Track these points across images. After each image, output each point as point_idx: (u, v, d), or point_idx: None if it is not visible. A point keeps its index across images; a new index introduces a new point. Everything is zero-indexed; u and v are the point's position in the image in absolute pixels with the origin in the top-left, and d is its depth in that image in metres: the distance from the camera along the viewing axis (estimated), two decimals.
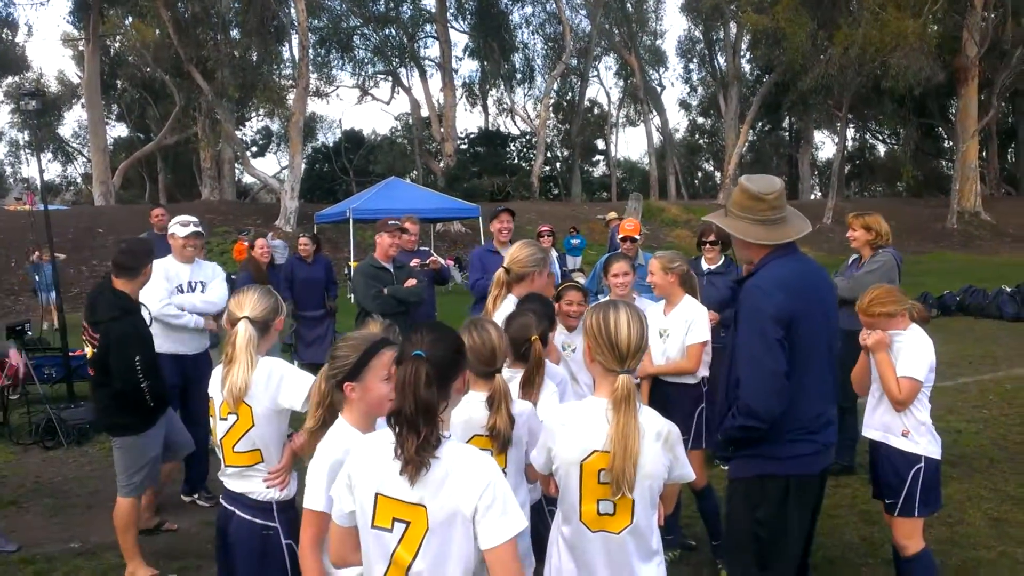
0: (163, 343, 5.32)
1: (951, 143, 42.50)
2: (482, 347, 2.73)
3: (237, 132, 31.89)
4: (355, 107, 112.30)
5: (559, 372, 3.48)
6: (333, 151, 45.26)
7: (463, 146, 38.33)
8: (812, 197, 42.62)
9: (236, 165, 34.17)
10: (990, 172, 42.49)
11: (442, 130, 35.65)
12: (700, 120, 55.59)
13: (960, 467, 6.05)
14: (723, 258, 6.02)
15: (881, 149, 54.72)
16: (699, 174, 57.95)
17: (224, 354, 2.97)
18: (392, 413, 2.03)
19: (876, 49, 29.39)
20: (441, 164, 36.24)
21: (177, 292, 5.54)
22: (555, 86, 42.57)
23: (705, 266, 6.00)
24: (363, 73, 41.40)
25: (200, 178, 34.16)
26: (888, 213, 5.95)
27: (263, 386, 2.91)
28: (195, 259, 5.75)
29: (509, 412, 2.65)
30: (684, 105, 55.09)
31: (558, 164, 47.24)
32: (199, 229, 5.66)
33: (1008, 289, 14.96)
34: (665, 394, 4.44)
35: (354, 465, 2.12)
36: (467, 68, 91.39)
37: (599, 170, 55.70)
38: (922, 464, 3.66)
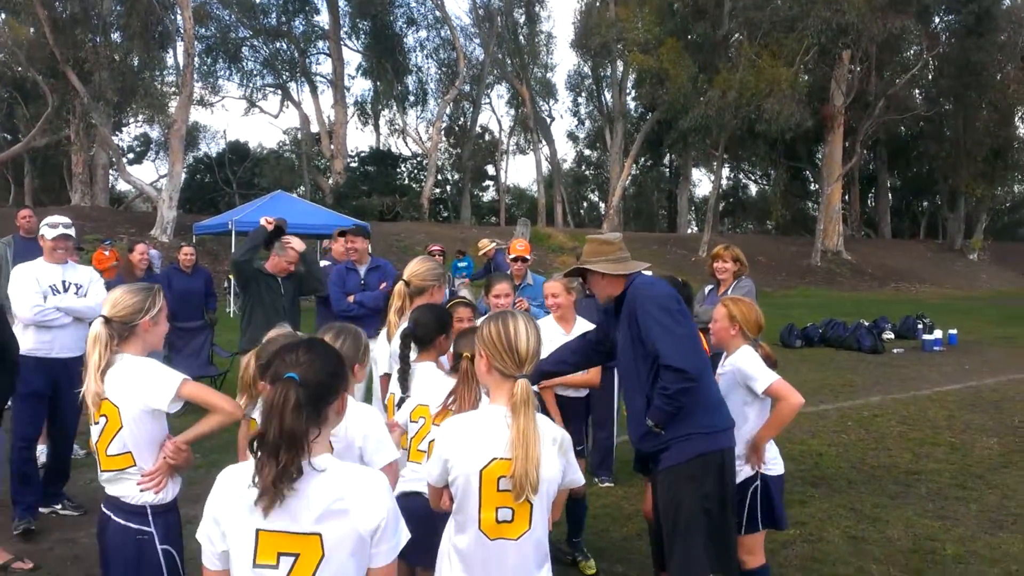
0: (29, 343, 5.10)
1: (817, 186, 45.15)
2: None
3: (113, 137, 30.47)
4: (241, 118, 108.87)
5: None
6: (216, 162, 43.84)
7: (353, 164, 37.91)
8: (689, 231, 44.28)
9: (111, 171, 32.66)
10: (852, 215, 45.37)
11: (332, 147, 35.25)
12: (587, 152, 57.08)
13: (821, 488, 6.42)
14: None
15: (753, 189, 57.64)
16: (585, 204, 59.31)
17: None
18: (254, 437, 1.90)
19: (752, 94, 31.03)
20: (330, 181, 35.76)
21: (51, 293, 5.24)
22: (448, 110, 42.81)
23: None
24: (251, 85, 40.58)
25: (71, 183, 32.37)
26: (758, 250, 6.46)
27: (129, 386, 2.81)
28: (67, 260, 5.44)
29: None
30: (572, 137, 56.46)
31: (448, 187, 47.40)
32: (69, 231, 5.36)
33: (866, 323, 16.02)
34: (560, 405, 4.75)
35: (221, 503, 1.98)
36: (360, 87, 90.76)
37: (489, 195, 56.21)
38: (758, 482, 3.78)
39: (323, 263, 7.91)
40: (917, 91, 41.98)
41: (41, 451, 6.57)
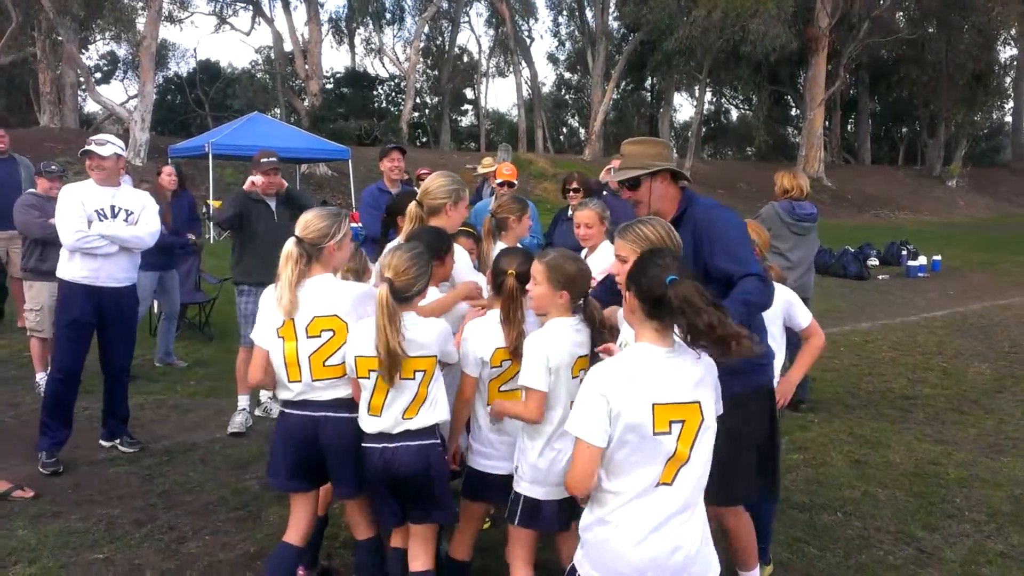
0: (76, 270, 4.89)
1: (798, 111, 44.74)
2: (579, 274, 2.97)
3: (81, 55, 29.35)
4: (212, 36, 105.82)
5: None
6: (187, 82, 42.59)
7: (328, 86, 36.94)
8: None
9: (79, 91, 31.59)
10: (832, 141, 45.11)
11: (307, 67, 34.19)
12: (567, 75, 56.00)
13: (820, 413, 6.44)
14: None
15: (734, 114, 57.09)
16: (564, 129, 58.51)
17: None
18: (691, 330, 2.22)
19: (737, 14, 30.39)
20: (305, 103, 34.87)
21: (98, 218, 4.90)
22: (425, 29, 41.65)
23: (570, 212, 6.04)
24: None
25: (39, 103, 31.24)
26: (739, 176, 6.33)
27: (353, 304, 3.09)
28: (119, 183, 5.09)
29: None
30: (552, 59, 55.25)
31: (427, 111, 46.48)
32: (102, 149, 4.89)
33: (852, 250, 16.05)
34: None
35: (618, 388, 2.27)
36: (334, 3, 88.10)
37: (467, 120, 55.24)
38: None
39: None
40: (900, 13, 41.36)
41: (41, 378, 6.44)
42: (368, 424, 3.03)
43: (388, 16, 43.42)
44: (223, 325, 8.71)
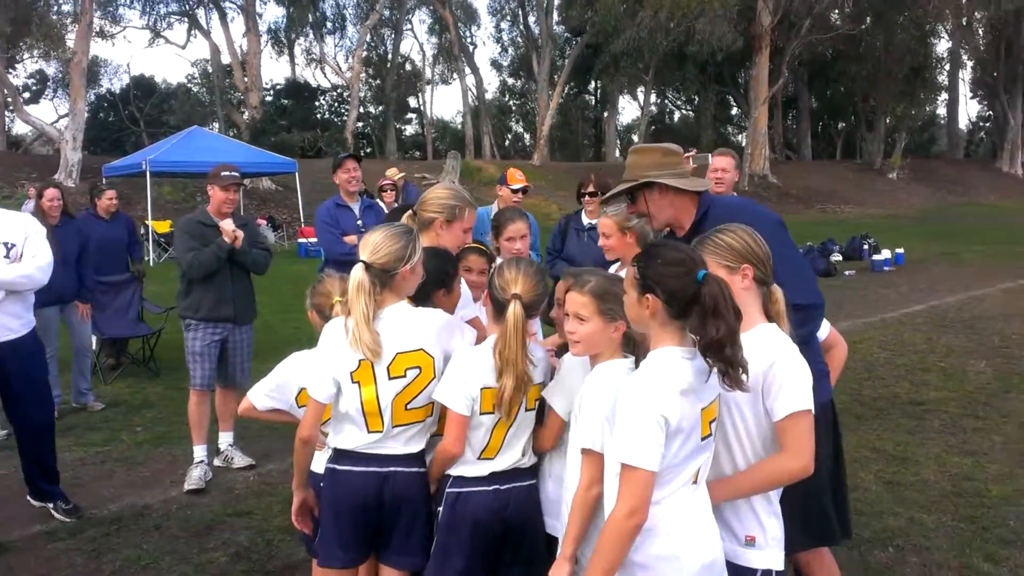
0: None
1: (739, 110, 44.97)
2: None
3: (8, 74, 28.00)
4: (145, 51, 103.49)
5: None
6: (120, 99, 41.17)
7: (269, 98, 35.98)
8: (615, 160, 43.81)
9: (7, 112, 30.17)
10: (775, 137, 45.51)
11: (246, 79, 33.19)
12: (511, 81, 55.69)
13: None
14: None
15: (677, 115, 57.35)
16: (509, 135, 58.17)
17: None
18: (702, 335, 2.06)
19: (683, 14, 30.35)
20: (245, 116, 33.86)
21: None
22: (368, 38, 40.89)
23: (586, 220, 5.50)
24: (154, 13, 37.72)
25: None
26: None
27: (438, 336, 2.67)
28: None
29: None
30: (496, 65, 54.99)
31: (371, 121, 45.69)
32: None
33: (816, 247, 15.83)
34: None
35: (674, 403, 2.06)
36: (272, 13, 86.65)
37: (412, 128, 54.55)
38: None
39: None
40: (836, 11, 41.88)
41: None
42: (475, 469, 2.59)
43: (329, 25, 42.65)
44: (170, 359, 7.96)
